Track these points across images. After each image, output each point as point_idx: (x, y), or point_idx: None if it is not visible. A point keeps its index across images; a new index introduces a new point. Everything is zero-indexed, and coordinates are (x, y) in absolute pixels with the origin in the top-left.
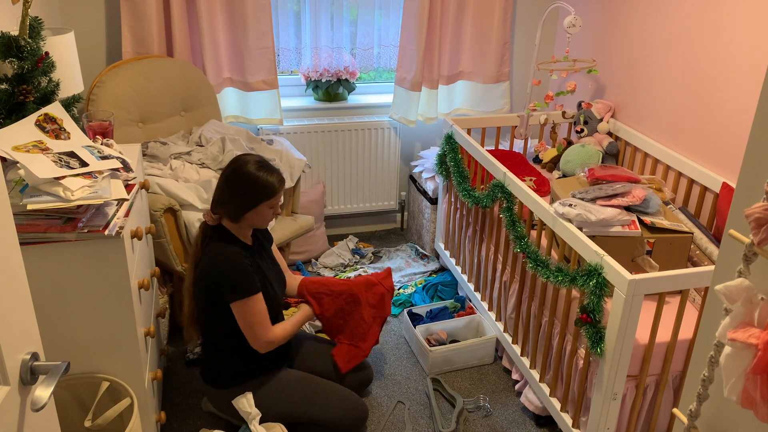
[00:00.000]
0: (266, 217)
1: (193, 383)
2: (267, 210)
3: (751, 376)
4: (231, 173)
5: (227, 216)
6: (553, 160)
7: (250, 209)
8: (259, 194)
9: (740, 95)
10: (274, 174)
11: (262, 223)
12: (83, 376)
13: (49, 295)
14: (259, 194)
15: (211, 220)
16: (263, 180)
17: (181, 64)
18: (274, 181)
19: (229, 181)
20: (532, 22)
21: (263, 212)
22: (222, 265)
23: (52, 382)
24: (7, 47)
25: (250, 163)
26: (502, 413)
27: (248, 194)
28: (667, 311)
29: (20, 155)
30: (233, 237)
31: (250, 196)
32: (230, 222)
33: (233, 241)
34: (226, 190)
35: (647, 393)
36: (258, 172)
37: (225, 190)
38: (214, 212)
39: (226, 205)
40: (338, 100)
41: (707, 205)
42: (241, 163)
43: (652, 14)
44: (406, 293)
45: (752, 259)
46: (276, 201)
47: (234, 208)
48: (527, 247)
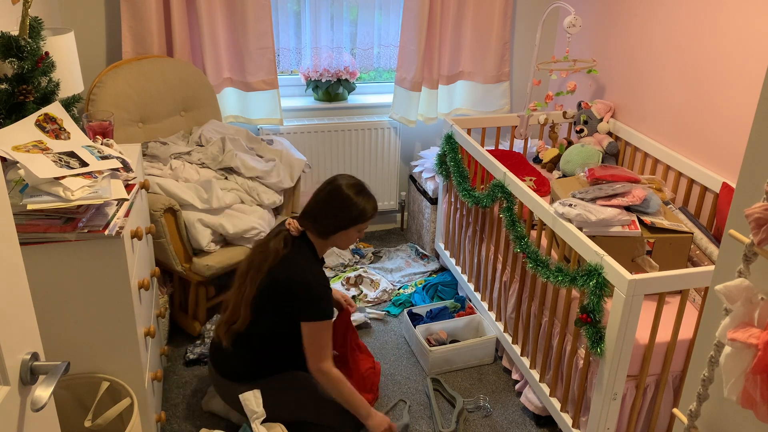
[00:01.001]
0: (352, 239)
1: (193, 383)
2: (355, 233)
3: (751, 376)
4: (331, 192)
5: (316, 231)
6: (553, 160)
7: (341, 230)
8: (354, 218)
9: (740, 95)
10: (371, 200)
11: (346, 245)
12: (83, 376)
13: (49, 295)
14: (355, 218)
15: (295, 230)
16: (360, 206)
17: (181, 64)
18: (369, 208)
19: (328, 198)
20: (532, 22)
21: (351, 235)
22: (311, 282)
23: (52, 382)
24: (7, 47)
25: (349, 186)
26: (502, 413)
27: (344, 216)
28: (667, 311)
29: (20, 155)
30: (314, 253)
31: (346, 217)
32: (316, 237)
33: (314, 257)
34: (324, 207)
35: (647, 393)
36: (356, 196)
37: (321, 207)
38: (301, 224)
39: (319, 222)
40: (338, 100)
41: (707, 205)
42: (343, 184)
43: (652, 14)
44: (406, 293)
45: (752, 259)
46: (366, 226)
47: (327, 226)
48: (527, 247)
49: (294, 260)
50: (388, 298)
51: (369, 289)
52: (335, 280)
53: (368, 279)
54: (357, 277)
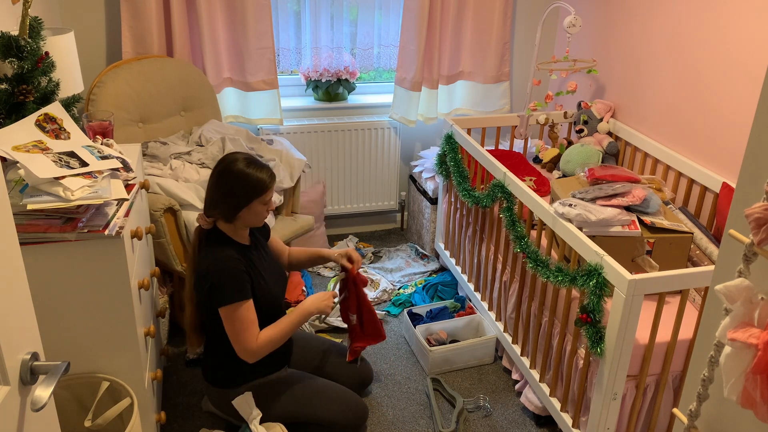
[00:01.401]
0: (261, 214)
1: (193, 383)
2: (261, 207)
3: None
4: (220, 173)
5: (221, 217)
6: (553, 160)
7: (242, 208)
8: (250, 192)
9: (740, 95)
10: (263, 170)
11: (258, 221)
12: (83, 376)
13: (49, 295)
14: (251, 192)
15: (205, 223)
16: (254, 177)
17: (181, 64)
18: (264, 177)
19: (220, 180)
20: (532, 22)
21: (257, 210)
22: (213, 269)
23: (52, 382)
24: (7, 47)
25: (238, 161)
26: (502, 413)
27: (240, 193)
28: (667, 311)
29: (20, 155)
30: (228, 239)
31: (241, 194)
32: (225, 223)
33: (228, 242)
34: (217, 190)
35: (647, 393)
36: (247, 168)
37: (216, 191)
38: (207, 215)
39: (219, 206)
40: (338, 100)
41: (707, 205)
42: (229, 161)
43: (652, 14)
44: (406, 293)
45: (752, 259)
46: (269, 197)
47: (227, 208)
48: (527, 247)
49: (206, 252)
50: (388, 298)
51: (369, 289)
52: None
53: (368, 279)
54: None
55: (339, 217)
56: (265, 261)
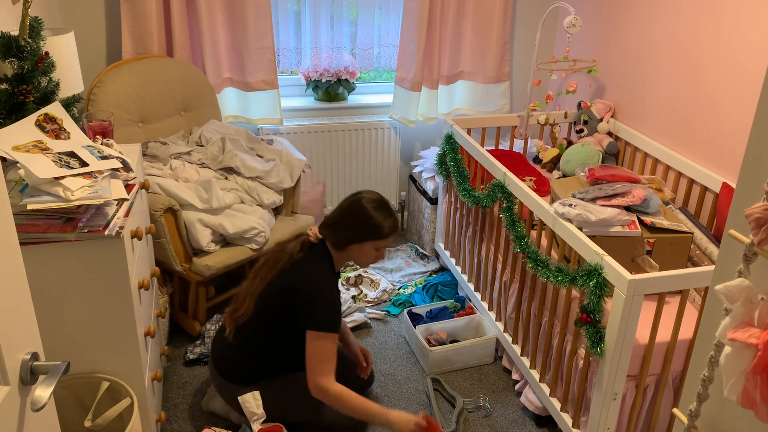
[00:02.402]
0: (369, 256)
1: (193, 383)
2: (371, 250)
3: (751, 376)
4: (351, 203)
5: (332, 242)
6: (553, 160)
7: (355, 243)
8: (368, 232)
9: (740, 95)
10: (390, 218)
11: (363, 261)
12: (83, 376)
13: (49, 295)
14: (369, 232)
15: (314, 237)
16: (377, 220)
17: (181, 64)
18: (386, 225)
19: (346, 210)
20: (532, 22)
21: (367, 250)
22: (321, 291)
23: (52, 382)
24: (7, 47)
25: (372, 201)
26: (502, 413)
27: (359, 228)
28: (667, 311)
29: (20, 155)
30: (331, 262)
31: (359, 230)
32: (333, 248)
33: (330, 266)
34: (341, 217)
35: (647, 393)
36: (375, 211)
37: (339, 217)
38: (321, 233)
39: (336, 231)
40: (338, 100)
41: (707, 205)
42: (364, 198)
43: (652, 14)
44: (406, 293)
45: (752, 259)
46: (383, 244)
47: (342, 237)
48: (527, 247)
49: (306, 265)
50: (388, 298)
51: (369, 289)
52: None
53: (368, 279)
54: (357, 277)
55: None
56: None
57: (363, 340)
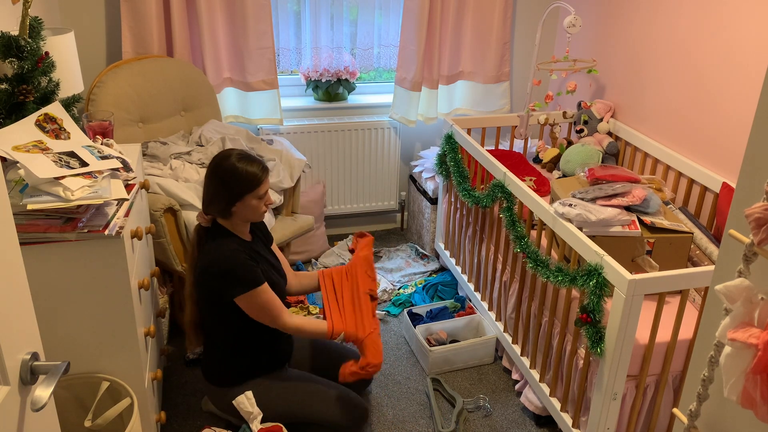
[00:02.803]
0: (257, 209)
1: (193, 383)
2: (255, 201)
3: (751, 376)
4: (213, 168)
5: (218, 213)
6: (553, 160)
7: (236, 202)
8: (242, 186)
9: (740, 95)
10: (255, 164)
11: (255, 215)
12: (83, 376)
13: (49, 295)
14: (242, 185)
15: (204, 221)
16: (243, 170)
17: (181, 64)
18: (256, 171)
19: (212, 176)
20: (532, 22)
21: (251, 204)
22: (220, 260)
23: (52, 382)
24: (7, 47)
25: (231, 156)
26: (502, 413)
27: (231, 187)
28: (667, 311)
29: (20, 155)
30: (229, 233)
31: (233, 188)
32: (223, 219)
33: (229, 236)
34: (211, 186)
35: (647, 393)
36: (238, 163)
37: (210, 187)
38: (206, 212)
39: (214, 202)
40: (338, 100)
41: (707, 205)
42: (221, 157)
43: (652, 14)
44: (406, 293)
45: (752, 259)
46: (263, 191)
47: (221, 203)
48: (527, 247)
49: (207, 247)
50: (388, 298)
51: None
52: None
53: None
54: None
55: (339, 217)
56: (268, 256)
57: None
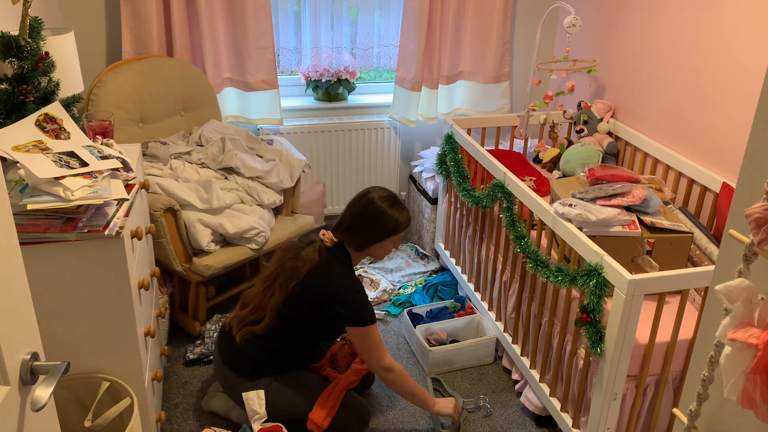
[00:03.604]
0: (387, 250)
1: (193, 383)
2: (390, 244)
3: (751, 376)
4: (364, 205)
5: (351, 244)
6: (553, 160)
7: (376, 242)
8: (388, 230)
9: (740, 95)
10: (404, 211)
11: (381, 255)
12: (83, 376)
13: (49, 295)
14: (389, 230)
15: (330, 242)
16: (395, 218)
17: (181, 64)
18: (403, 220)
19: (361, 212)
20: (532, 22)
21: (386, 246)
22: (352, 288)
23: (52, 382)
24: (7, 47)
25: (382, 198)
26: (502, 413)
27: (378, 229)
28: (667, 311)
29: (20, 155)
30: (350, 262)
31: (380, 230)
32: (351, 249)
33: (350, 265)
34: (358, 220)
35: (647, 393)
36: (390, 209)
37: (356, 220)
38: (335, 236)
39: (354, 234)
40: (338, 100)
41: (707, 205)
42: (373, 196)
43: (652, 14)
44: (406, 293)
45: (752, 259)
46: (400, 236)
47: (361, 239)
48: (527, 247)
49: (331, 268)
50: (388, 298)
51: (369, 289)
52: None
53: (368, 279)
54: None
55: None
56: None
57: None
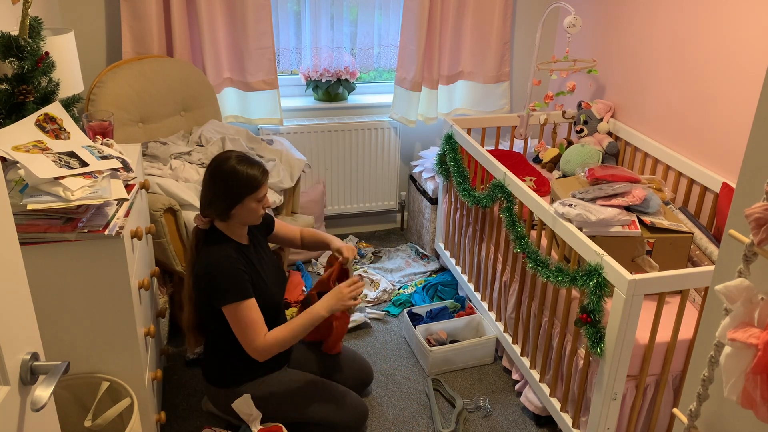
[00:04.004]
0: (255, 211)
1: (193, 383)
2: (254, 204)
3: (751, 376)
4: (212, 171)
5: (216, 216)
6: (553, 160)
7: (235, 205)
8: (242, 188)
9: (740, 95)
10: (255, 166)
11: (253, 218)
12: (83, 376)
13: (49, 295)
14: (243, 188)
15: (202, 223)
16: (244, 173)
17: (181, 64)
18: (256, 174)
19: (212, 178)
20: (532, 22)
21: (250, 207)
22: (212, 268)
23: (52, 382)
24: (7, 47)
25: (231, 158)
26: (502, 413)
27: (231, 189)
28: (667, 311)
29: (20, 155)
30: (226, 238)
31: (233, 191)
32: (221, 222)
33: (226, 241)
34: (210, 188)
35: (647, 393)
36: (238, 165)
37: (209, 189)
38: (204, 215)
39: (213, 204)
40: (338, 100)
41: (707, 205)
42: (221, 159)
43: (652, 14)
44: (406, 293)
45: (752, 259)
46: (262, 194)
47: (220, 206)
48: (527, 247)
49: (205, 252)
50: (388, 298)
51: (369, 289)
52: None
53: (368, 279)
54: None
55: (339, 217)
56: (264, 261)
57: (363, 340)
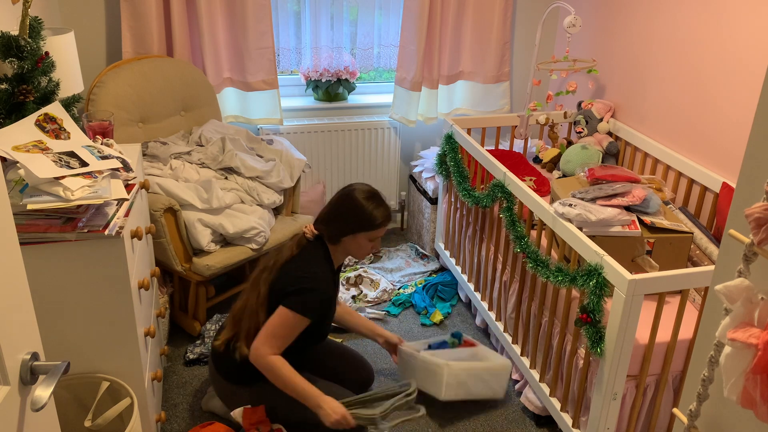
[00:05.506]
0: (363, 248)
1: (193, 383)
2: (365, 241)
3: (751, 376)
4: (342, 195)
5: (327, 236)
6: (553, 160)
7: (348, 234)
8: (360, 223)
9: (740, 95)
10: (381, 208)
11: (358, 253)
12: (83, 376)
13: (49, 295)
14: (361, 223)
15: (309, 233)
16: (368, 210)
17: (181, 64)
18: (378, 215)
19: (338, 201)
20: (532, 22)
21: (361, 242)
22: (311, 278)
23: (52, 382)
24: (7, 47)
25: (361, 191)
26: (502, 413)
27: (350, 220)
28: (667, 311)
29: (20, 155)
30: (328, 256)
31: (351, 222)
32: (328, 242)
33: (327, 260)
34: (333, 209)
35: (647, 393)
36: (366, 201)
37: (332, 209)
38: (316, 228)
39: (329, 225)
40: (338, 100)
41: (707, 205)
42: (354, 188)
43: (652, 14)
44: (406, 293)
45: (752, 259)
46: (376, 235)
47: (335, 229)
48: (527, 247)
49: (302, 257)
50: (388, 298)
51: (369, 289)
52: None
53: (368, 279)
54: (357, 277)
55: None
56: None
57: (363, 340)
